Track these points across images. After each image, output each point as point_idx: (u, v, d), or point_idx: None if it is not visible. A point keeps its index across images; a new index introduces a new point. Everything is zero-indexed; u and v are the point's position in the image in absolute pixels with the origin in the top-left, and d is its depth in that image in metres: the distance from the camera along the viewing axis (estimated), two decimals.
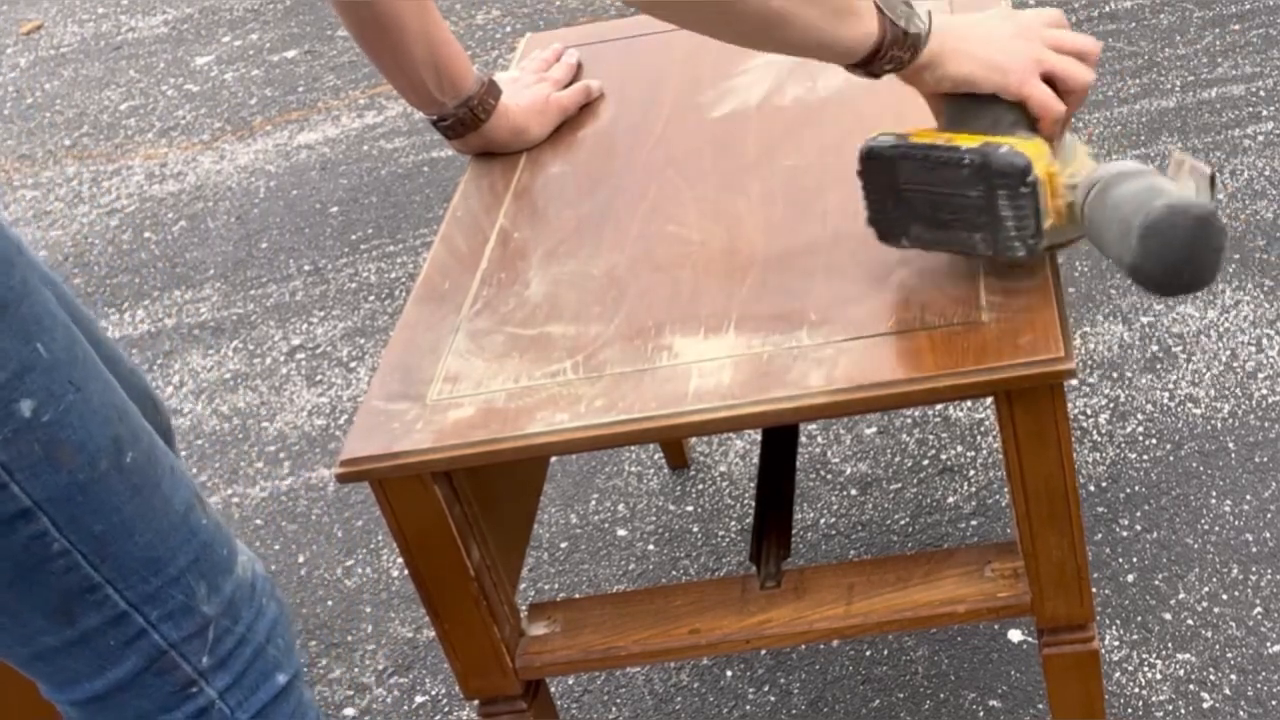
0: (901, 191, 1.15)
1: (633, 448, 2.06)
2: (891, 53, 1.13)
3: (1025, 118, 1.15)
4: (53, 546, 1.01)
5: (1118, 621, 1.67)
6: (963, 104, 1.16)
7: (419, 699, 1.78)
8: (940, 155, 1.12)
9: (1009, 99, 1.15)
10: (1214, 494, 1.80)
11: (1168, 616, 1.67)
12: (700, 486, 1.99)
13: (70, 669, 1.07)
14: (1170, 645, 1.63)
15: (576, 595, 1.85)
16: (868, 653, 1.71)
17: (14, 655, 1.08)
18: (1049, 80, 1.15)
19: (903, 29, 1.12)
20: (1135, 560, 1.74)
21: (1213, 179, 1.06)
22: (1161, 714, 1.57)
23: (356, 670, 1.83)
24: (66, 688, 1.09)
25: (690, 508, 1.95)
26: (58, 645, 1.05)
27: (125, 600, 1.05)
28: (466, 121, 1.46)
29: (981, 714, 1.61)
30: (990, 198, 1.10)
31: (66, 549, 1.01)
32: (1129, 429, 1.92)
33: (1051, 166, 1.12)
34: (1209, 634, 1.64)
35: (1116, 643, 1.65)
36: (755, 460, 1.99)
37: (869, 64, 1.14)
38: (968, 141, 1.12)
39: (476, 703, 1.31)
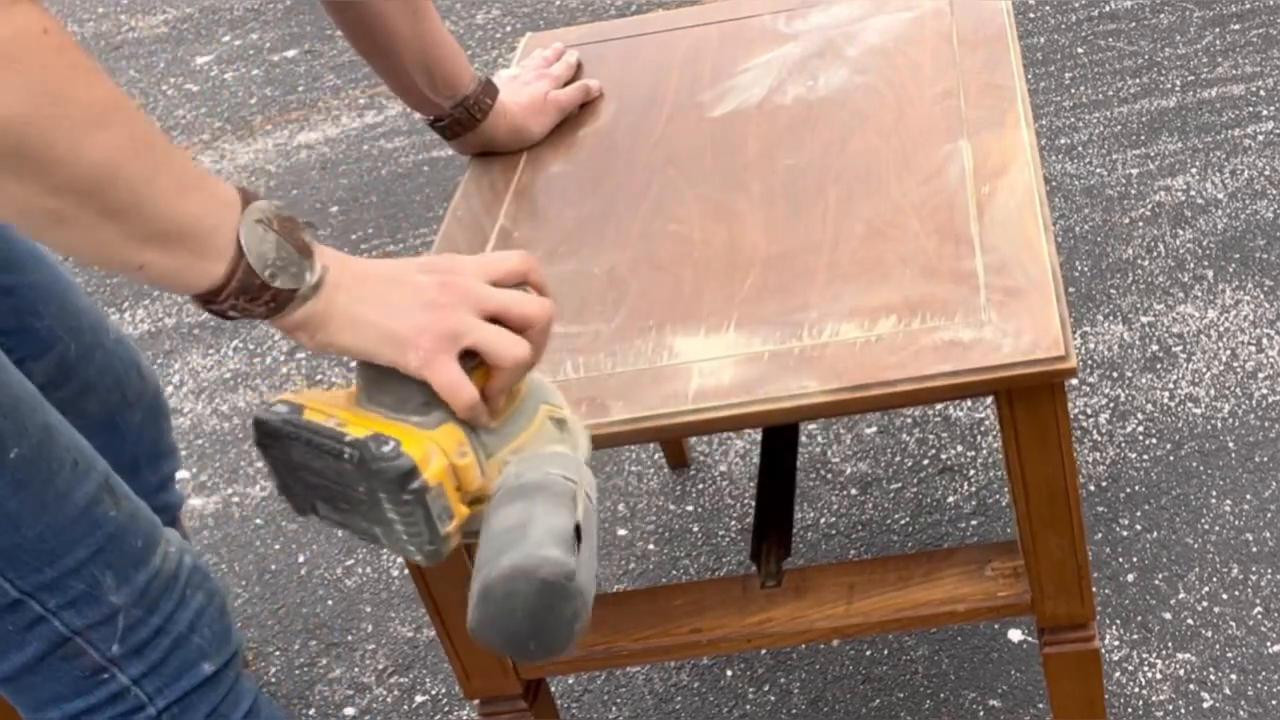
0: (297, 470, 0.97)
1: (633, 447, 2.06)
2: (234, 302, 0.88)
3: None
4: None
5: (1118, 621, 1.67)
6: (376, 368, 0.97)
7: (419, 699, 1.78)
8: (323, 443, 0.93)
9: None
10: (1214, 494, 1.80)
11: (1168, 616, 1.67)
12: (700, 486, 1.99)
13: None
14: (1170, 645, 1.63)
15: None
16: (868, 652, 1.71)
17: None
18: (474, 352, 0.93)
19: (260, 280, 0.87)
20: (1135, 560, 1.74)
21: (578, 529, 0.89)
22: (1161, 714, 1.57)
23: (356, 670, 1.83)
24: None
25: (690, 507, 1.95)
26: None
27: (17, 589, 1.07)
28: (463, 122, 1.46)
29: (981, 714, 1.61)
30: (374, 499, 0.92)
31: None
32: (1129, 429, 1.92)
33: (462, 459, 0.93)
34: (1209, 634, 1.64)
35: (1116, 642, 1.65)
36: (755, 460, 1.99)
37: (209, 304, 0.89)
38: (358, 428, 0.93)
39: (477, 702, 1.31)
